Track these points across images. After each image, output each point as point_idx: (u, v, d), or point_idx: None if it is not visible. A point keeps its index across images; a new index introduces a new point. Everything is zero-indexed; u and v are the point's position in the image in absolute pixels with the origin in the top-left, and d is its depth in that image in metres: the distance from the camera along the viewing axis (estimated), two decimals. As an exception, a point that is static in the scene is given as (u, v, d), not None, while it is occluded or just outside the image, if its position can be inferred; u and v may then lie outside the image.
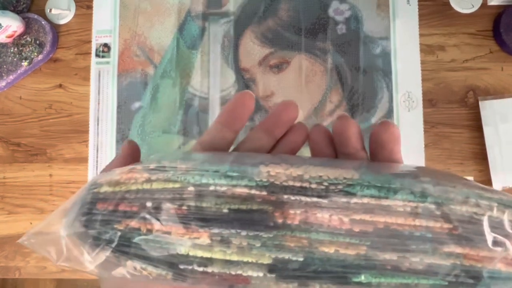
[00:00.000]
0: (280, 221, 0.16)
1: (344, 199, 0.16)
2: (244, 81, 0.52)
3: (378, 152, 0.20)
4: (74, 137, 0.52)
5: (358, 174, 0.17)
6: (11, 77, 0.52)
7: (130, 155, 0.22)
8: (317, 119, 0.51)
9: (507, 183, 0.48)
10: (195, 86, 0.52)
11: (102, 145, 0.52)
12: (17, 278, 0.54)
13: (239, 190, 0.17)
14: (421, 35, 0.51)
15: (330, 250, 0.16)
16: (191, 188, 0.17)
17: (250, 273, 0.17)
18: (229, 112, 0.21)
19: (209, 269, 0.17)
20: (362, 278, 0.16)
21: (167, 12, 0.53)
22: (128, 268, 0.17)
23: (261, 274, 0.17)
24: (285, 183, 0.17)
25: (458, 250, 0.16)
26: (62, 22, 0.54)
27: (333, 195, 0.16)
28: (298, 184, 0.17)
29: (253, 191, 0.17)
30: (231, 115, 0.21)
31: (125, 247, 0.17)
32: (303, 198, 0.16)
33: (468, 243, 0.16)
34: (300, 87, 0.51)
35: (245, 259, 0.16)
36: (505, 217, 0.16)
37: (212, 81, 0.52)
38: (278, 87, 0.51)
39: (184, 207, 0.17)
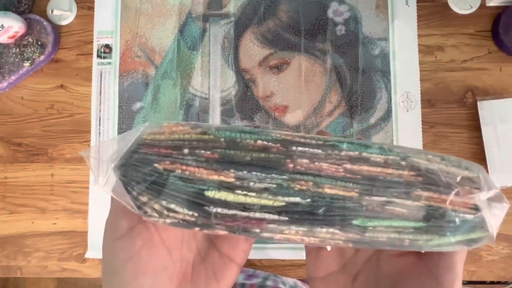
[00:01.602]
0: (291, 166, 0.20)
1: (336, 151, 0.21)
2: (244, 81, 0.52)
3: None
4: (75, 137, 0.53)
5: (344, 139, 0.22)
6: (13, 77, 0.52)
7: None
8: (316, 119, 0.51)
9: (505, 182, 0.48)
10: (196, 86, 0.52)
11: (103, 145, 0.52)
12: (18, 277, 0.55)
13: (259, 142, 0.21)
14: (419, 35, 0.51)
15: (331, 191, 0.20)
16: (222, 139, 0.21)
17: (266, 215, 0.20)
18: None
19: (231, 212, 0.20)
20: (360, 221, 0.20)
21: (168, 13, 0.53)
22: (158, 208, 0.20)
23: (275, 217, 0.20)
24: (292, 139, 0.21)
25: (425, 194, 0.20)
26: (63, 23, 0.54)
27: (328, 148, 0.21)
28: (302, 140, 0.21)
29: (270, 143, 0.21)
30: None
31: (160, 186, 0.20)
32: (307, 149, 0.21)
33: (430, 187, 0.20)
34: (300, 88, 0.51)
35: (262, 202, 0.20)
36: (449, 167, 0.21)
37: (213, 82, 0.52)
38: (278, 87, 0.52)
39: (216, 154, 0.20)
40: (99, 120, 0.52)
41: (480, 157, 0.49)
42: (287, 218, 0.20)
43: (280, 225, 0.20)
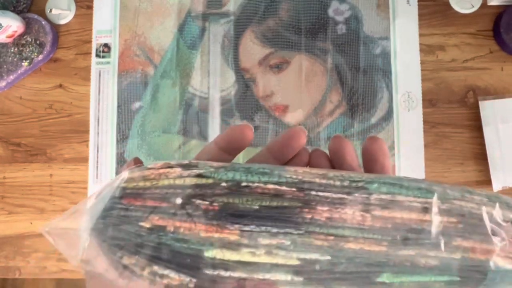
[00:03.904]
0: (308, 216, 0.17)
1: (365, 195, 0.17)
2: (244, 81, 0.52)
3: (372, 166, 0.21)
4: (74, 137, 0.52)
5: (373, 175, 0.18)
6: (11, 77, 0.52)
7: None
8: (317, 119, 0.51)
9: (507, 183, 0.48)
10: (195, 86, 0.52)
11: (102, 145, 0.52)
12: (17, 278, 0.54)
13: (270, 187, 0.17)
14: (421, 35, 0.51)
15: (356, 246, 0.16)
16: (223, 184, 0.17)
17: (277, 276, 0.16)
18: (229, 143, 0.21)
19: (236, 274, 0.16)
20: (385, 277, 0.17)
21: (167, 12, 0.53)
22: (148, 274, 0.16)
23: (288, 278, 0.16)
24: (311, 180, 0.17)
25: (465, 243, 0.17)
26: (62, 22, 0.54)
27: (355, 191, 0.17)
28: (324, 181, 0.17)
29: (283, 188, 0.17)
30: (231, 145, 0.21)
31: (148, 249, 0.16)
32: (329, 195, 0.17)
33: (471, 236, 0.17)
34: (300, 87, 0.51)
35: (273, 261, 0.16)
36: (497, 210, 0.18)
37: (212, 81, 0.52)
38: (278, 87, 0.51)
39: (216, 204, 0.16)
40: (98, 120, 0.52)
41: (481, 157, 0.49)
42: (302, 279, 0.16)
43: (293, 287, 0.17)
